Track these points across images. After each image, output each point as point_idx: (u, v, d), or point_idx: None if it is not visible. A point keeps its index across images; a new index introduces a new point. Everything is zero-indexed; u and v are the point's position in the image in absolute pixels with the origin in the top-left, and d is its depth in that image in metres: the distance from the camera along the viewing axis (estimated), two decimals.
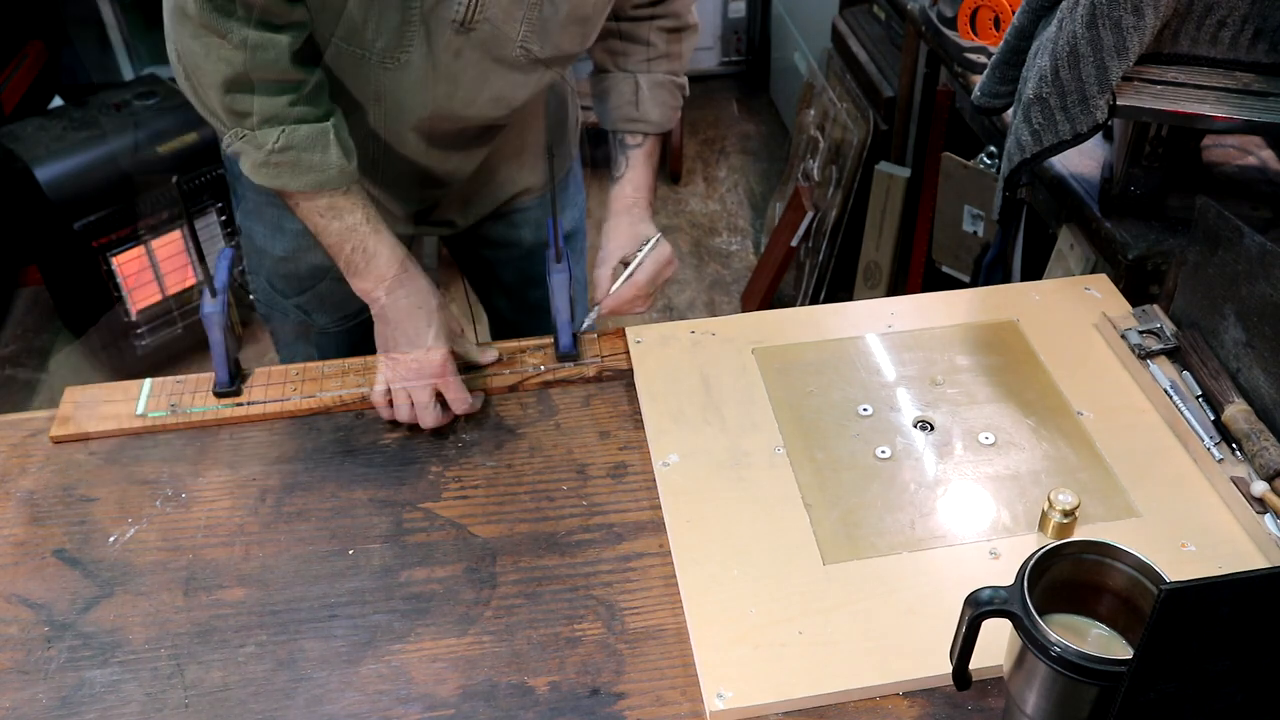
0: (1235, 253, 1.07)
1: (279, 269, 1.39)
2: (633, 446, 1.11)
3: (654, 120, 1.36)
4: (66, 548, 1.02)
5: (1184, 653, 0.65)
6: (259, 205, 1.35)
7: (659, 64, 1.36)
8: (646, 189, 1.36)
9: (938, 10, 1.91)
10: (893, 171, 2.35)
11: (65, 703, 0.89)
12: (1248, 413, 1.05)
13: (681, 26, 1.35)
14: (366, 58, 1.11)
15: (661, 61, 1.36)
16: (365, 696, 0.89)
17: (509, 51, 1.14)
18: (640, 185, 1.35)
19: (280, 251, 1.37)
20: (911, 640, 0.90)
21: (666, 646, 0.92)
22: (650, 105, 1.35)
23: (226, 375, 1.17)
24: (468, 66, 1.14)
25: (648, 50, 1.34)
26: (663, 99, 1.36)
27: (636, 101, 1.35)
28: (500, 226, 1.49)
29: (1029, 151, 1.29)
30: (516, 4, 1.10)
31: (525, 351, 1.24)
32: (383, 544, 1.02)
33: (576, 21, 1.16)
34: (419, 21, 1.07)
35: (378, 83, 1.14)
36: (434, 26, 1.08)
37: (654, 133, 1.37)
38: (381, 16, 1.07)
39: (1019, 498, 1.03)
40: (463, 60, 1.13)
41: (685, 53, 1.38)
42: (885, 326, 1.24)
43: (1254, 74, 1.22)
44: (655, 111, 1.35)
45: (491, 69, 1.16)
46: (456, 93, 1.16)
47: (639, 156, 1.36)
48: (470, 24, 1.08)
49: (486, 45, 1.12)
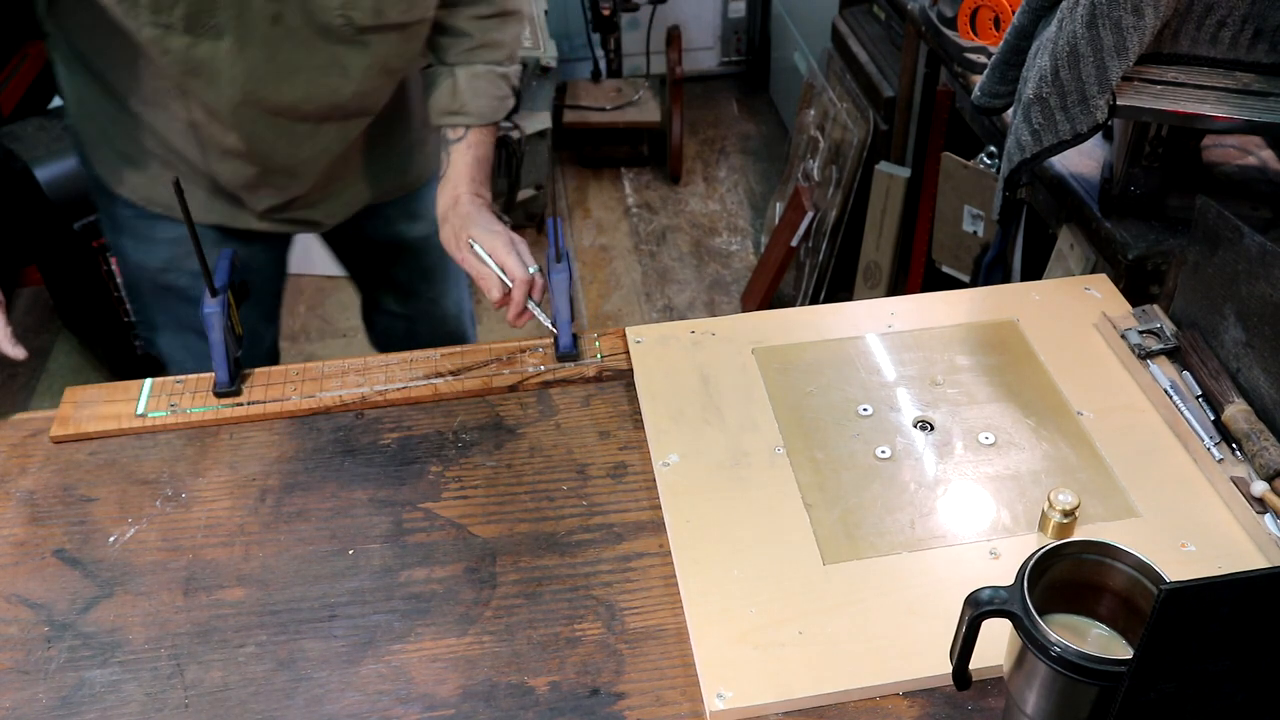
0: (1235, 253, 1.07)
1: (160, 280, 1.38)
2: (633, 446, 1.11)
3: (474, 112, 1.32)
4: (66, 548, 1.02)
5: (1184, 653, 0.65)
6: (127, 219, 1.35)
7: (479, 54, 1.32)
8: (469, 181, 1.32)
9: (938, 10, 1.91)
10: (893, 171, 2.35)
11: (65, 703, 0.89)
12: (1248, 413, 1.05)
13: (499, 12, 1.31)
14: (174, 28, 1.09)
15: (482, 51, 1.32)
16: (365, 696, 0.89)
17: (330, 17, 1.12)
18: (460, 181, 1.32)
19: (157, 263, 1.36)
20: (911, 640, 0.90)
21: (666, 646, 0.92)
22: (469, 97, 1.32)
23: (226, 375, 1.17)
24: (288, 34, 1.11)
25: (467, 40, 1.31)
26: (484, 90, 1.32)
27: (455, 94, 1.32)
28: (376, 223, 1.46)
29: (1029, 151, 1.29)
30: None
31: (525, 351, 1.24)
32: (383, 544, 1.02)
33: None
34: None
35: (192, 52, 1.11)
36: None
37: (476, 125, 1.33)
38: None
39: (1019, 498, 1.03)
40: (282, 25, 1.10)
41: (508, 40, 1.35)
42: (885, 326, 1.24)
43: (1254, 74, 1.22)
44: (475, 103, 1.32)
45: (317, 39, 1.13)
46: (278, 60, 1.13)
47: (459, 150, 1.33)
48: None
49: (306, 11, 1.10)
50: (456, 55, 1.32)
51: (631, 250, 3.16)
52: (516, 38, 1.36)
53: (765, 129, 3.66)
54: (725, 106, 3.80)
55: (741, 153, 3.57)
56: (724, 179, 3.45)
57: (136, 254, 1.38)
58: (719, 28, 3.84)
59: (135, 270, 1.40)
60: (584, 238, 3.21)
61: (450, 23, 1.30)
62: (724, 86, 3.89)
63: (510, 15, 1.33)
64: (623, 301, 2.97)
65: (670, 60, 3.43)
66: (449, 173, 1.34)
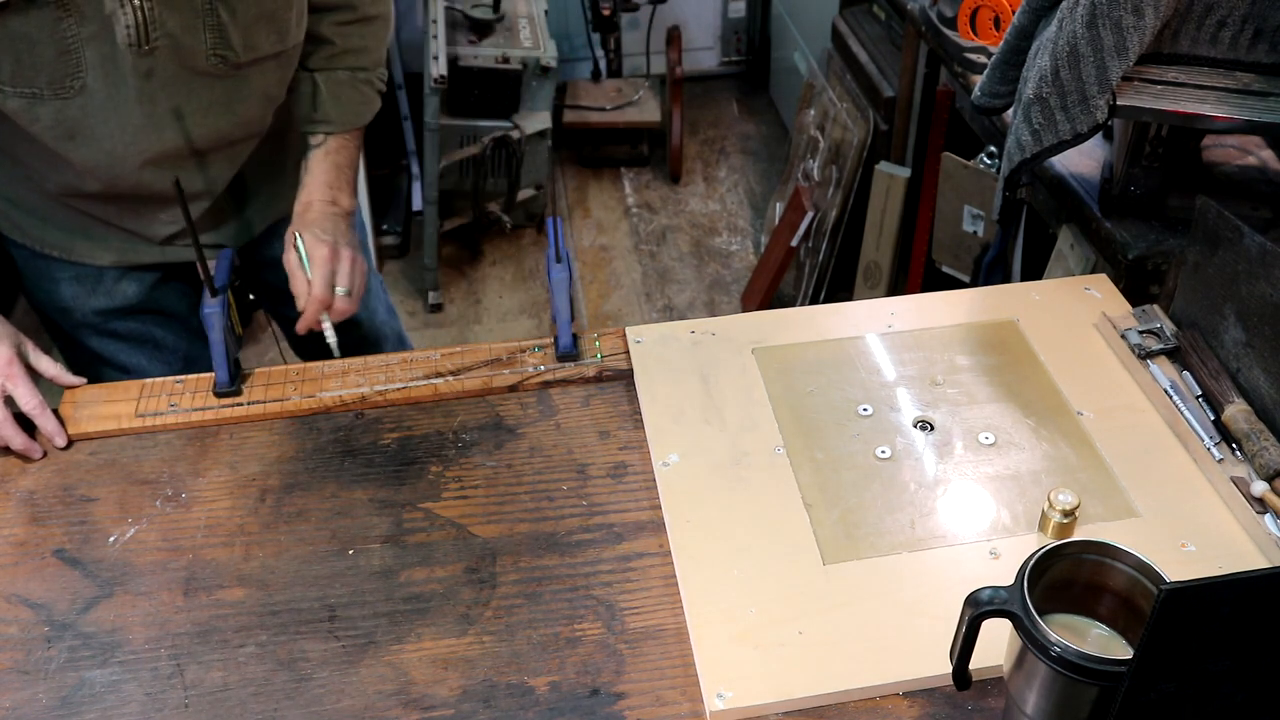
0: (1235, 253, 1.07)
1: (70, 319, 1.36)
2: (633, 446, 1.11)
3: (334, 119, 1.32)
4: (66, 548, 1.02)
5: (1184, 653, 0.65)
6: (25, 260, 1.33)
7: (341, 59, 1.31)
8: (324, 188, 1.31)
9: (938, 10, 1.91)
10: (893, 171, 2.35)
11: (65, 703, 0.89)
12: (1248, 413, 1.05)
13: (361, 18, 1.31)
14: (39, 95, 1.08)
15: (344, 57, 1.31)
16: (365, 696, 0.89)
17: (202, 63, 1.12)
18: (315, 188, 1.31)
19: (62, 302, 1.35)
20: (911, 640, 0.90)
21: (666, 646, 0.92)
22: (330, 104, 1.31)
23: (226, 375, 1.17)
24: (165, 84, 1.11)
25: (329, 47, 1.31)
26: (346, 96, 1.32)
27: (315, 101, 1.32)
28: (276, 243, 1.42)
29: (1029, 151, 1.29)
30: (192, 14, 1.07)
31: (525, 351, 1.24)
32: (383, 544, 1.02)
33: (263, 19, 1.13)
34: (78, 50, 1.04)
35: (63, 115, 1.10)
36: (107, 51, 1.06)
37: (337, 132, 1.33)
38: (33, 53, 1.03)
39: (1019, 498, 1.03)
40: (156, 79, 1.10)
41: (372, 46, 1.34)
42: (885, 326, 1.24)
43: (1254, 74, 1.22)
44: (335, 110, 1.32)
45: (194, 81, 1.13)
46: (158, 111, 1.13)
47: (317, 157, 1.32)
48: (149, 44, 1.06)
49: (178, 59, 1.10)
50: (318, 61, 1.31)
51: (631, 250, 3.16)
52: (381, 42, 1.35)
53: (765, 129, 3.66)
54: (725, 106, 3.80)
55: (741, 153, 3.57)
56: (724, 179, 3.45)
57: (40, 294, 1.36)
58: (719, 28, 3.84)
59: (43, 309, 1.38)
60: (584, 238, 3.21)
61: (313, 30, 1.29)
62: (724, 86, 3.89)
63: (373, 20, 1.32)
64: (623, 301, 2.97)
65: (670, 60, 3.44)
66: (305, 179, 1.33)
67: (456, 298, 2.97)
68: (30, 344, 1.15)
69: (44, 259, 1.33)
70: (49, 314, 1.39)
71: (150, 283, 1.38)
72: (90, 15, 1.03)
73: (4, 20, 1.01)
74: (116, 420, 1.15)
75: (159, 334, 1.42)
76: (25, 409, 1.11)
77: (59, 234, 1.30)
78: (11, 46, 1.03)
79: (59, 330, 1.41)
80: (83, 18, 1.03)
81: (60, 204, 1.26)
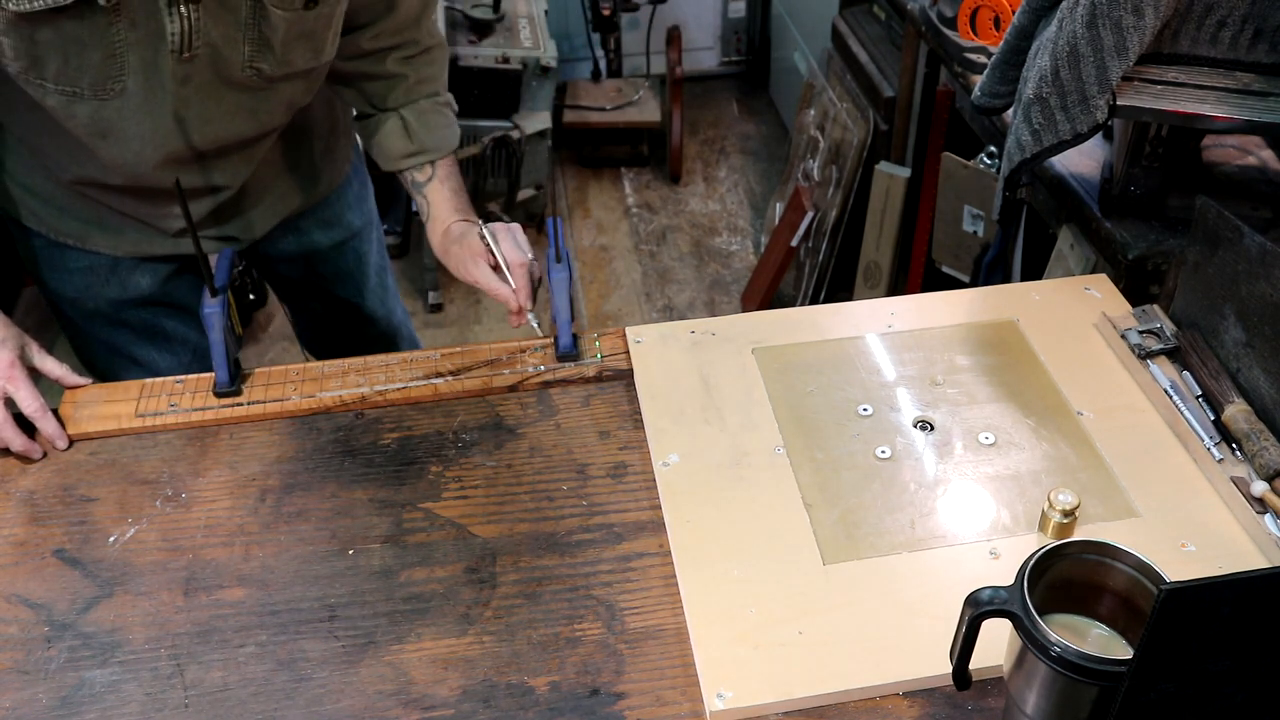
0: (1235, 253, 1.07)
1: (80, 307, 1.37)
2: (633, 446, 1.11)
3: (433, 147, 1.34)
4: (66, 548, 1.02)
5: (1184, 653, 0.65)
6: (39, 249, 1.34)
7: (419, 90, 1.34)
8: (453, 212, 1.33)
9: (938, 10, 1.91)
10: (893, 171, 2.35)
11: (65, 703, 0.89)
12: (1248, 413, 1.05)
13: (425, 49, 1.33)
14: (80, 95, 1.09)
15: (421, 87, 1.34)
16: (365, 697, 0.89)
17: (238, 73, 1.13)
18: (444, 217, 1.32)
19: (73, 292, 1.36)
20: (911, 640, 0.90)
21: (666, 646, 0.92)
22: (424, 134, 1.33)
23: (226, 375, 1.17)
24: (198, 90, 1.12)
25: (403, 82, 1.33)
26: (435, 123, 1.34)
27: (409, 135, 1.33)
28: (291, 236, 1.47)
29: (1029, 151, 1.29)
30: (235, 27, 1.09)
31: (525, 351, 1.24)
32: (382, 544, 1.02)
33: (301, 37, 1.15)
34: (123, 54, 1.06)
35: (99, 115, 1.11)
36: (150, 57, 1.07)
37: (437, 159, 1.34)
38: (82, 55, 1.05)
39: (1019, 498, 1.03)
40: (192, 85, 1.12)
41: (439, 73, 1.36)
42: (885, 326, 1.24)
43: (1254, 74, 1.22)
44: (431, 139, 1.33)
45: (225, 90, 1.14)
46: (188, 115, 1.14)
47: (434, 189, 1.34)
48: (190, 51, 1.07)
49: (215, 68, 1.11)
50: (398, 99, 1.33)
51: (631, 250, 3.16)
52: (444, 68, 1.38)
53: (765, 129, 3.66)
54: (725, 106, 3.80)
55: (741, 153, 3.57)
56: (724, 179, 3.45)
57: (53, 283, 1.37)
58: (719, 28, 3.84)
59: (55, 298, 1.39)
60: (584, 238, 3.21)
61: (378, 70, 1.31)
62: (724, 86, 3.89)
63: (435, 49, 1.34)
64: (623, 301, 2.97)
65: (670, 60, 3.43)
66: (431, 213, 1.34)
67: (456, 297, 2.97)
68: (34, 345, 1.15)
69: (59, 247, 1.33)
70: (61, 303, 1.40)
71: (164, 275, 1.38)
72: (140, 21, 1.05)
73: (58, 22, 1.02)
74: (116, 420, 1.15)
75: (170, 326, 1.43)
76: (26, 412, 1.11)
77: (74, 223, 1.31)
78: (62, 47, 1.04)
79: (70, 320, 1.42)
80: (133, 24, 1.05)
81: (76, 193, 1.27)
